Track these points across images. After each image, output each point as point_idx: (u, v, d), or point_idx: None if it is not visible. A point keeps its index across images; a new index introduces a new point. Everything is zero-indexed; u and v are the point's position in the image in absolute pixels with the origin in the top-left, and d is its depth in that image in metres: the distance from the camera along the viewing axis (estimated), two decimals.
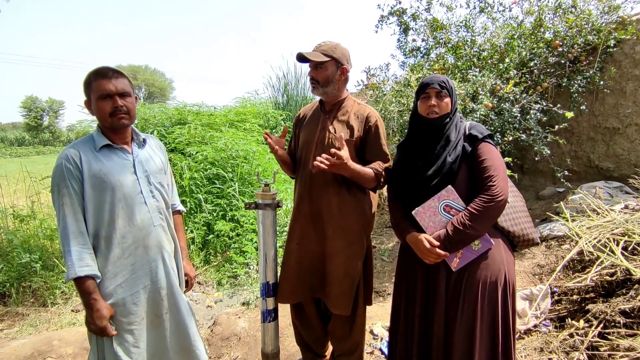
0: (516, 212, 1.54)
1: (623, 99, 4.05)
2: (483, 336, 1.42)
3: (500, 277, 1.43)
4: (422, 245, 1.44)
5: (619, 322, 1.92)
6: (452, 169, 1.45)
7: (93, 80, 1.40)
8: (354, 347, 1.99)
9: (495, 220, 1.45)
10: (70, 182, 1.35)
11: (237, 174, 4.41)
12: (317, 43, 1.81)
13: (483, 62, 4.27)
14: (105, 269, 1.40)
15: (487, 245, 1.43)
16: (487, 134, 1.50)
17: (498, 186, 1.39)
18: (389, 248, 4.12)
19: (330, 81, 1.77)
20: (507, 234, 1.51)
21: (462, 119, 1.59)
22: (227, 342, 2.55)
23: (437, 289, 1.47)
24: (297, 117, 1.98)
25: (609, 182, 3.99)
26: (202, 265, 3.80)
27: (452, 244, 1.41)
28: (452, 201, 1.44)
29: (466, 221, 1.39)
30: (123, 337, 1.43)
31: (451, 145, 1.48)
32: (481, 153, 1.46)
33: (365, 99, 4.80)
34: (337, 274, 1.78)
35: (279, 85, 7.93)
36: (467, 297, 1.42)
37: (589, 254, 2.54)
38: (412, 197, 1.52)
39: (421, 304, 1.53)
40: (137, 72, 38.04)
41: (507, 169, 1.80)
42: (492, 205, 1.37)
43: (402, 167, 1.61)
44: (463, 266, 1.44)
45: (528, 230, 1.54)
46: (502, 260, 1.45)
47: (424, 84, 1.52)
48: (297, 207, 1.85)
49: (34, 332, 2.73)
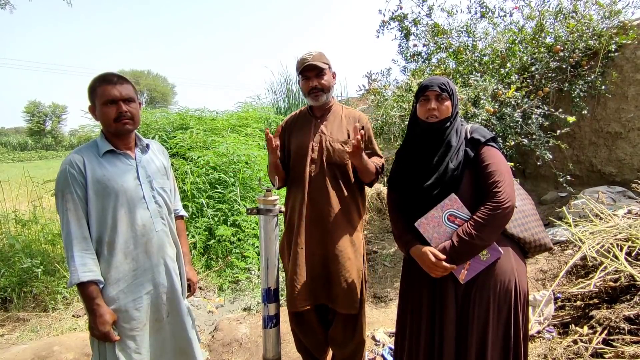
0: (526, 217, 1.46)
1: (625, 103, 4.05)
2: (495, 350, 1.35)
3: (511, 287, 1.35)
4: (427, 259, 1.36)
5: (623, 329, 1.90)
6: (454, 176, 1.38)
7: (98, 86, 1.41)
8: (355, 351, 1.98)
9: (503, 227, 1.37)
10: (74, 188, 1.35)
11: (238, 179, 4.41)
12: (304, 56, 1.84)
13: (484, 67, 4.28)
14: (108, 274, 1.40)
15: (496, 254, 1.35)
16: (490, 137, 1.43)
17: (504, 192, 1.31)
18: (391, 253, 4.11)
19: (330, 87, 1.87)
20: (518, 241, 1.42)
21: (463, 122, 1.52)
22: (228, 348, 2.54)
23: (446, 303, 1.39)
24: (284, 126, 1.97)
25: (611, 186, 3.98)
26: (203, 270, 3.79)
27: (459, 255, 1.34)
28: (457, 210, 1.37)
29: (472, 231, 1.31)
30: (125, 343, 1.42)
31: (452, 150, 1.40)
32: (485, 157, 1.39)
33: (367, 103, 4.81)
34: (342, 273, 1.79)
35: (281, 90, 7.98)
36: (478, 311, 1.34)
37: (592, 260, 2.53)
38: (414, 208, 1.45)
39: (428, 320, 1.44)
40: (140, 77, 38.26)
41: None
42: (499, 212, 1.30)
43: (401, 176, 1.54)
44: (472, 278, 1.36)
45: (539, 235, 1.44)
46: (512, 270, 1.36)
47: (424, 86, 1.46)
48: (299, 212, 1.83)
49: (35, 337, 2.72)
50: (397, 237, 1.55)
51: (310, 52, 1.85)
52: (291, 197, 1.91)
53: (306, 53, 1.85)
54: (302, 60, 1.82)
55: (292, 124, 1.97)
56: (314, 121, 1.90)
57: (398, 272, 3.68)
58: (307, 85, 1.83)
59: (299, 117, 1.98)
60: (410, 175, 1.48)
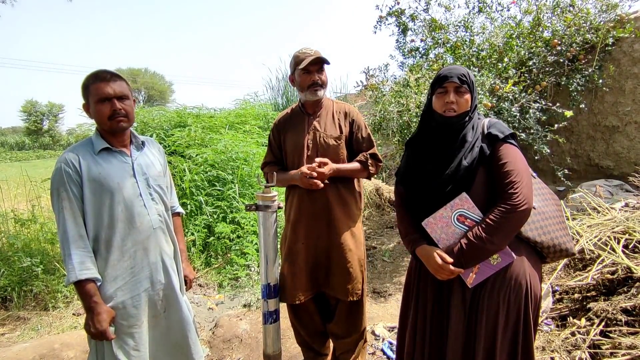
0: (546, 220, 1.34)
1: (622, 97, 4.05)
2: (502, 357, 1.28)
3: (521, 293, 1.26)
4: (434, 261, 1.29)
5: (620, 321, 1.92)
6: (467, 174, 1.28)
7: (91, 83, 1.40)
8: (356, 342, 2.01)
9: (517, 231, 1.27)
10: (69, 186, 1.35)
11: (237, 176, 4.41)
12: (304, 50, 1.85)
13: (482, 62, 4.28)
14: (105, 272, 1.40)
15: (508, 259, 1.26)
16: (509, 132, 1.31)
17: (520, 193, 1.21)
18: (390, 249, 4.12)
19: (327, 83, 1.91)
20: (534, 244, 1.31)
21: (480, 115, 1.41)
22: (228, 344, 2.55)
23: (452, 307, 1.32)
24: (277, 125, 2.01)
25: (609, 180, 3.99)
26: (203, 267, 3.79)
27: (467, 260, 1.26)
28: (467, 210, 1.28)
29: (483, 234, 1.23)
30: (124, 340, 1.43)
31: (467, 146, 1.30)
32: (502, 155, 1.28)
33: (365, 99, 4.80)
34: (344, 262, 1.84)
35: (279, 87, 7.96)
36: (486, 316, 1.27)
37: (590, 253, 2.54)
38: (423, 205, 1.36)
39: (432, 321, 1.39)
40: (137, 75, 38.09)
41: None
42: (513, 215, 1.21)
43: (410, 171, 1.44)
44: (480, 282, 1.28)
45: (561, 239, 1.33)
46: (524, 275, 1.27)
47: (442, 77, 1.33)
48: (298, 208, 1.88)
49: (36, 336, 2.73)
50: (404, 236, 1.47)
51: (308, 47, 1.86)
52: (290, 194, 1.95)
53: (304, 48, 1.86)
54: (305, 54, 1.82)
55: (285, 122, 1.99)
56: (306, 118, 1.92)
57: (397, 268, 3.69)
58: (309, 79, 1.83)
59: (291, 115, 2.00)
60: (421, 171, 1.40)
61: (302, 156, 1.86)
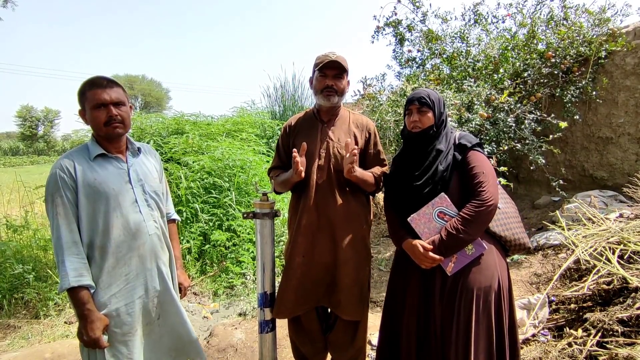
0: (507, 218, 1.59)
1: (615, 109, 4.11)
2: (480, 340, 1.45)
3: (494, 282, 1.48)
4: (417, 251, 1.50)
5: (617, 331, 1.91)
6: (443, 177, 1.52)
7: (87, 89, 1.40)
8: (355, 356, 1.95)
9: (487, 224, 1.50)
10: (64, 192, 1.34)
11: (233, 184, 4.39)
12: (326, 53, 1.79)
13: (478, 73, 4.34)
14: (100, 279, 1.38)
15: (481, 249, 1.48)
16: (475, 142, 1.57)
17: (488, 191, 1.45)
18: (386, 257, 4.11)
19: (344, 91, 1.83)
20: (499, 239, 1.56)
21: (452, 129, 1.67)
22: (223, 354, 2.52)
23: (433, 295, 1.52)
24: (289, 127, 1.92)
25: (603, 191, 4.03)
26: (198, 275, 3.76)
27: (447, 248, 1.47)
28: (446, 208, 1.50)
29: (459, 226, 1.45)
30: (117, 349, 1.40)
31: (442, 155, 1.55)
32: (471, 161, 1.52)
33: (362, 108, 4.84)
34: (348, 281, 1.76)
35: (276, 95, 7.98)
36: (463, 302, 1.46)
37: (585, 263, 2.55)
38: (407, 206, 1.58)
39: (417, 310, 1.56)
40: (134, 82, 38.13)
41: (503, 178, 1.84)
42: (483, 209, 1.44)
43: (397, 178, 1.68)
44: (458, 271, 1.48)
45: (520, 235, 1.58)
46: (495, 266, 1.50)
47: (408, 100, 1.61)
48: (300, 220, 1.78)
49: (26, 344, 2.67)
50: (392, 233, 1.69)
51: (332, 51, 1.79)
52: (295, 203, 1.85)
53: (329, 51, 1.79)
54: (325, 56, 1.76)
55: (296, 126, 1.90)
56: (320, 126, 1.83)
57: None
58: (323, 82, 1.76)
59: (304, 119, 1.90)
60: (404, 176, 1.62)
61: (312, 164, 1.76)
